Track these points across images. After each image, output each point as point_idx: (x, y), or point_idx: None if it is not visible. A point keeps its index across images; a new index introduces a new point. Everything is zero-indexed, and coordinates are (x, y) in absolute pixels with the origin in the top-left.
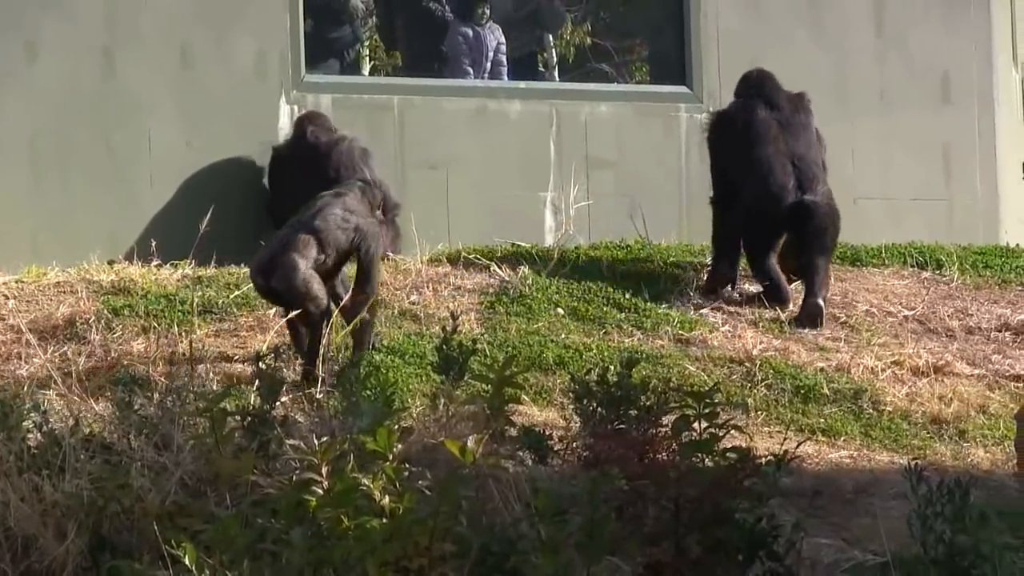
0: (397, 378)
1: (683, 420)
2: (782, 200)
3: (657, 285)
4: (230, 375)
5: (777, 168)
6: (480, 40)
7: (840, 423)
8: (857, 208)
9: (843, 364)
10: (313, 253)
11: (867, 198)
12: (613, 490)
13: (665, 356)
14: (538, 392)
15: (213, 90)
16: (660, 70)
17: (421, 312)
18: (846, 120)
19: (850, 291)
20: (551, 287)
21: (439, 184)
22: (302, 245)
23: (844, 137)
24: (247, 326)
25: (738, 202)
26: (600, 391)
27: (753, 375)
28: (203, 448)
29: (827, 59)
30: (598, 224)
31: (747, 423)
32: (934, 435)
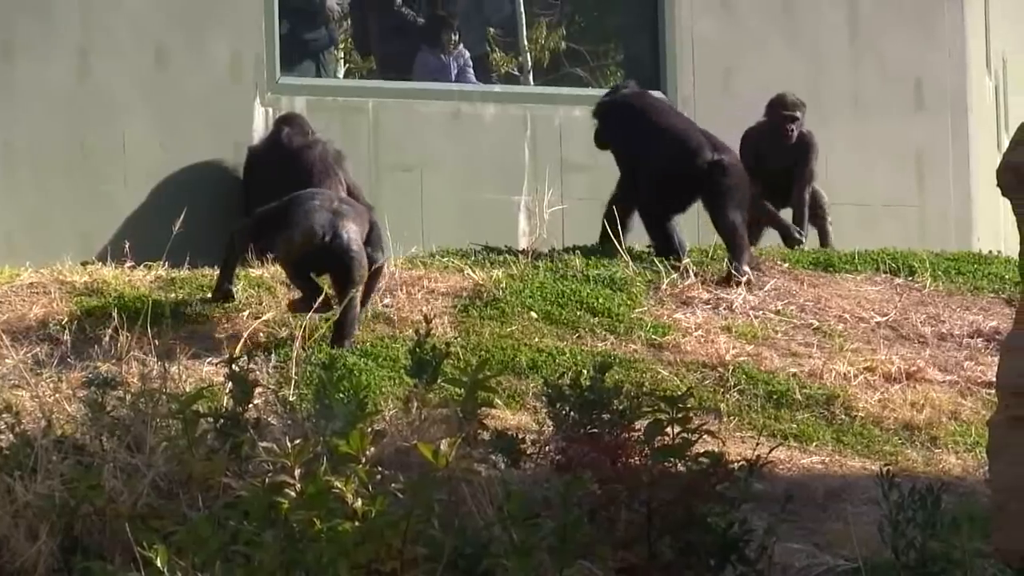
0: (370, 381)
1: (656, 425)
2: (699, 157)
3: (631, 289)
4: (203, 377)
5: (691, 132)
6: (444, 67)
7: (812, 429)
8: (832, 214)
9: (815, 370)
10: (359, 225)
11: (840, 204)
12: (585, 494)
13: (638, 360)
14: (511, 396)
15: (188, 91)
16: (634, 75)
17: (394, 315)
18: (820, 126)
19: (823, 297)
20: (525, 291)
21: (413, 187)
22: (350, 215)
23: (819, 142)
24: (220, 328)
25: (651, 171)
26: (573, 395)
27: (726, 380)
28: (175, 450)
29: (802, 65)
30: (572, 228)
31: (719, 428)
32: (906, 441)
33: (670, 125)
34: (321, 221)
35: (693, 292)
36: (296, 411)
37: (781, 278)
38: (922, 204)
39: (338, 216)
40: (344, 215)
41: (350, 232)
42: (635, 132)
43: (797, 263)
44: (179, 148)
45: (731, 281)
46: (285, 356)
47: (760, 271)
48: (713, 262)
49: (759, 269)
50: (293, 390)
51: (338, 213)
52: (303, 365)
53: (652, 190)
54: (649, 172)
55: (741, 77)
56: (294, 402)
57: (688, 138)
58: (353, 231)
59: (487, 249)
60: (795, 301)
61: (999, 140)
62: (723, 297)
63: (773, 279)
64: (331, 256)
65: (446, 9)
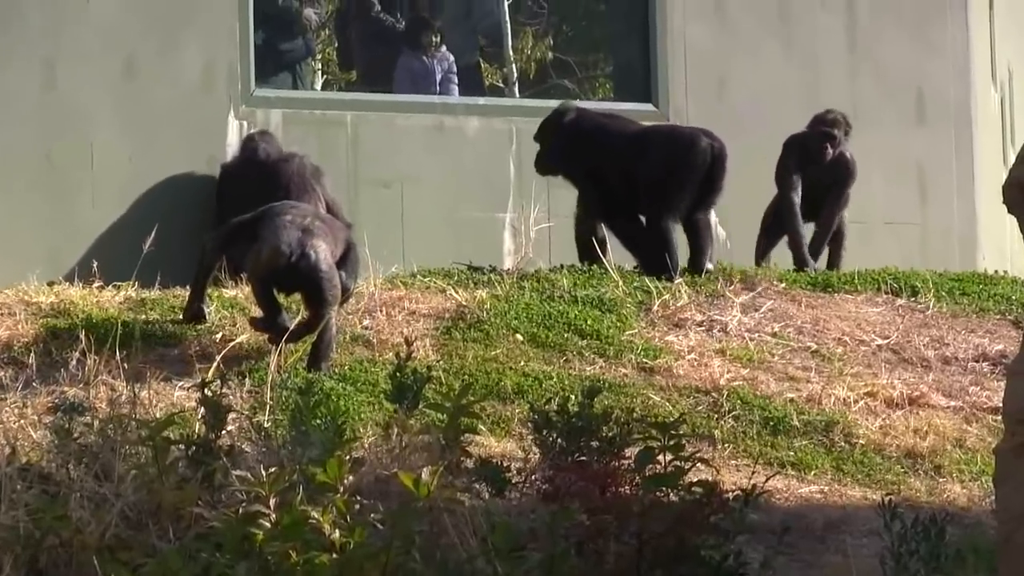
0: (348, 406)
1: (647, 452)
2: (701, 150)
3: (620, 311)
4: (174, 402)
5: (679, 128)
6: (427, 71)
7: (811, 456)
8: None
9: (814, 395)
10: (332, 244)
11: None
12: (573, 525)
13: (628, 385)
14: (496, 422)
15: (158, 104)
16: (624, 86)
17: (374, 338)
18: None
19: (821, 318)
20: (510, 312)
21: (394, 204)
22: (322, 233)
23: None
24: (192, 351)
25: (649, 178)
26: (560, 421)
27: (720, 406)
28: (145, 478)
29: (798, 75)
30: (559, 246)
31: (713, 456)
32: (909, 470)
33: (646, 129)
34: (289, 239)
35: (686, 313)
36: (271, 438)
37: (778, 299)
38: (924, 221)
39: (308, 234)
40: (315, 233)
41: (319, 251)
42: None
43: (794, 283)
44: (149, 163)
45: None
46: (260, 380)
47: (756, 291)
48: (707, 282)
49: (755, 289)
50: (268, 416)
51: (308, 231)
52: (278, 390)
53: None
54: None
55: (735, 87)
56: (269, 428)
57: (679, 134)
58: (323, 250)
59: (471, 268)
60: (792, 323)
61: (1005, 154)
62: (717, 319)
63: (769, 300)
64: (300, 276)
65: (426, 10)
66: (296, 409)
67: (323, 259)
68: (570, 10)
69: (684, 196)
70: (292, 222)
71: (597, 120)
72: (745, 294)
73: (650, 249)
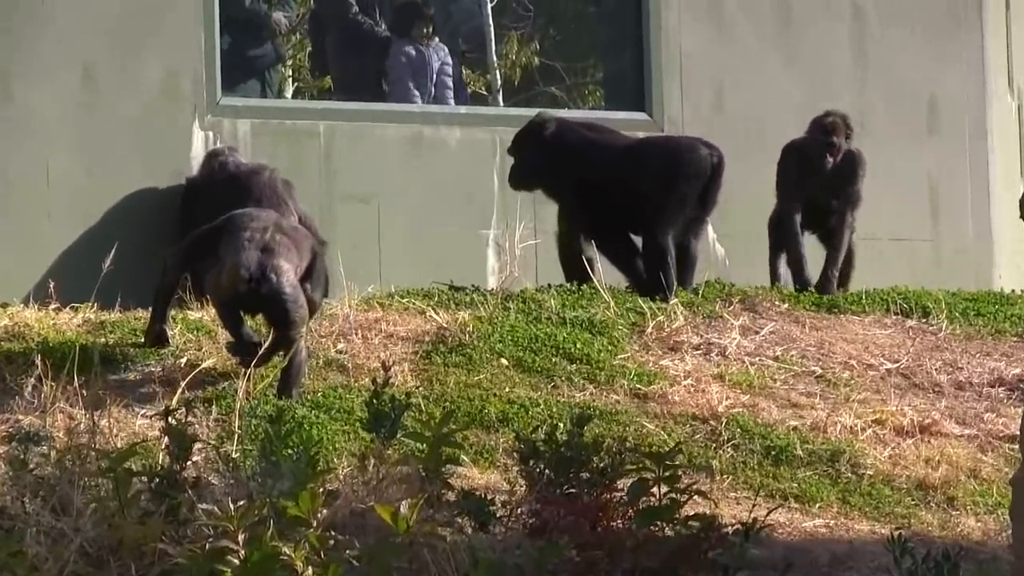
0: (322, 436)
1: (640, 484)
2: (703, 158)
3: (612, 333)
4: (136, 431)
5: (674, 138)
6: (425, 60)
7: (815, 488)
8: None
9: (819, 422)
10: (295, 260)
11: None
12: (562, 561)
13: (621, 412)
14: (479, 452)
15: (118, 115)
16: (616, 94)
17: (349, 362)
18: None
19: (826, 341)
20: (494, 335)
21: (370, 220)
22: (284, 249)
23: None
24: (155, 377)
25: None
26: (548, 451)
27: (719, 434)
28: (105, 512)
29: (801, 84)
30: (546, 265)
31: (711, 488)
32: (920, 502)
33: (640, 140)
34: (248, 262)
35: (682, 336)
36: (239, 469)
37: (780, 320)
38: (936, 238)
39: (269, 254)
40: (276, 252)
41: (281, 273)
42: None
43: (798, 303)
44: (109, 177)
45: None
46: (227, 408)
47: (756, 312)
48: (705, 302)
49: (755, 310)
50: (236, 446)
51: (269, 250)
52: (247, 418)
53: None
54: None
55: (734, 97)
56: (237, 459)
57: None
58: (285, 271)
59: (452, 289)
60: (796, 346)
61: (1022, 167)
62: (715, 342)
63: (771, 321)
64: (262, 299)
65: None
66: (266, 438)
67: (286, 281)
68: (558, 13)
69: (683, 210)
70: (252, 240)
71: (581, 132)
72: (745, 315)
73: (644, 267)
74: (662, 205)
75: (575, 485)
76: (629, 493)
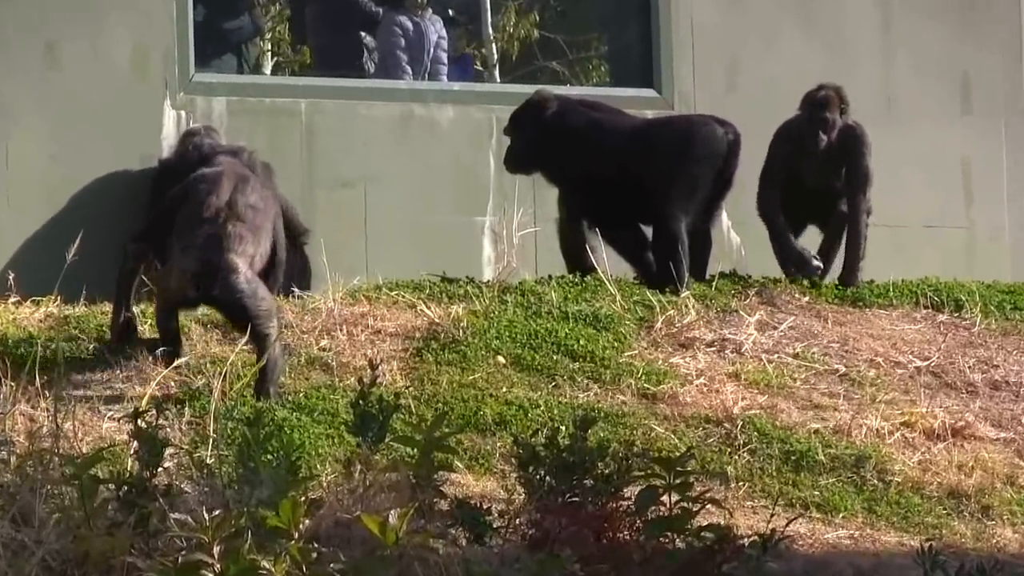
0: (304, 440)
1: (649, 492)
2: (719, 137)
3: (618, 328)
4: (103, 435)
5: (683, 117)
6: (421, 33)
7: (838, 496)
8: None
9: (842, 425)
10: (250, 248)
11: (871, 225)
12: (565, 575)
13: (628, 414)
14: (474, 457)
15: (83, 93)
16: (622, 70)
17: (333, 360)
18: None
19: (851, 337)
20: (490, 331)
21: (355, 206)
22: (237, 240)
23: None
24: (124, 376)
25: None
26: (549, 456)
27: (734, 438)
28: (70, 523)
29: (821, 59)
30: (547, 255)
31: (726, 496)
32: (952, 511)
33: (649, 120)
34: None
35: (694, 331)
36: (215, 476)
37: (800, 314)
38: (970, 225)
39: (219, 249)
40: (227, 246)
41: (232, 270)
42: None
43: (820, 296)
44: (73, 160)
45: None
46: (201, 410)
47: (775, 306)
48: (719, 295)
49: (773, 304)
50: (211, 451)
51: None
52: (223, 421)
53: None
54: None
55: (748, 72)
56: (212, 465)
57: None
58: (237, 266)
59: (445, 281)
60: (817, 342)
61: None
62: (730, 338)
63: (790, 316)
64: (214, 300)
65: None
66: (244, 443)
67: (240, 279)
68: None
69: (695, 194)
70: (201, 232)
71: (584, 111)
72: (762, 309)
73: (653, 257)
74: (672, 189)
75: (578, 493)
76: (637, 502)
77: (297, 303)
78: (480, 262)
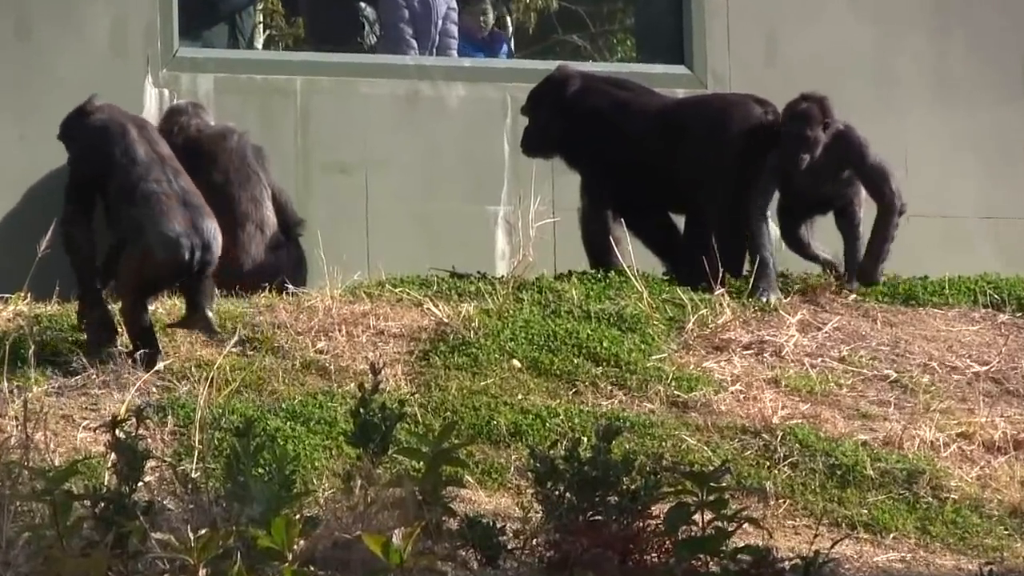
0: (299, 451)
1: (680, 510)
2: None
3: (645, 329)
4: (77, 446)
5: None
6: (428, 3)
7: (889, 515)
8: (909, 229)
9: (893, 436)
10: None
11: (923, 216)
12: None
13: (656, 424)
14: (486, 471)
15: (57, 70)
16: (650, 44)
17: (331, 364)
18: (894, 113)
19: (902, 339)
20: (504, 331)
21: (355, 194)
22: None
23: (891, 136)
24: (100, 381)
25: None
26: (569, 471)
27: (773, 450)
28: (41, 543)
29: (868, 34)
30: (566, 247)
31: (765, 514)
32: (1014, 531)
33: (680, 101)
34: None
35: (729, 332)
36: (201, 491)
37: (846, 314)
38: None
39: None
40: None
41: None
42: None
43: (868, 294)
44: (46, 145)
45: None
46: (186, 418)
47: (818, 304)
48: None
49: (816, 302)
50: (197, 463)
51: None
52: (209, 431)
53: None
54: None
55: (789, 46)
56: (198, 480)
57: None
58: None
59: (454, 276)
60: (865, 344)
61: None
62: (769, 339)
63: (836, 315)
64: (194, 275)
65: None
66: (232, 455)
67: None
68: None
69: (730, 181)
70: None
71: (608, 90)
72: (805, 308)
73: (684, 250)
74: (705, 175)
75: (601, 511)
76: (666, 521)
77: (291, 301)
78: (493, 256)
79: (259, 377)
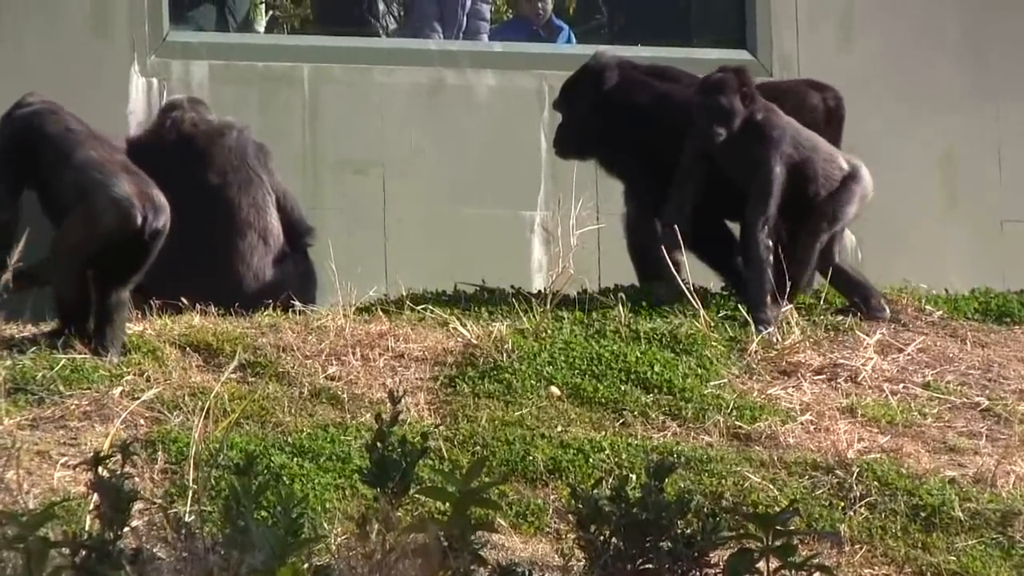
0: (308, 491)
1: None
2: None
3: (702, 352)
4: (55, 486)
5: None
6: None
7: (980, 562)
8: (1005, 236)
9: (985, 473)
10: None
11: (1021, 221)
12: None
13: (714, 459)
14: (521, 514)
15: (32, 57)
16: (707, 27)
17: (344, 392)
18: (988, 103)
19: (996, 361)
20: (541, 354)
21: (371, 196)
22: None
23: (985, 131)
24: (80, 411)
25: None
26: (616, 512)
27: (848, 489)
28: None
29: (958, 15)
30: (612, 258)
31: (839, 562)
32: None
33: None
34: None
35: (798, 355)
36: (196, 537)
37: (931, 333)
38: None
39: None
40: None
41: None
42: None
43: (956, 311)
44: None
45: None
46: (179, 454)
47: (899, 323)
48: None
49: (897, 320)
50: (191, 506)
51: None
52: (205, 468)
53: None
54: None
55: (868, 30)
56: (192, 524)
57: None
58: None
59: (484, 291)
60: (953, 368)
61: None
62: (843, 363)
63: (919, 335)
64: (138, 246)
65: None
66: (232, 496)
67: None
68: None
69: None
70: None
71: (650, 81)
72: (884, 327)
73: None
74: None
75: (652, 558)
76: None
77: (299, 320)
78: (528, 268)
79: (262, 407)
